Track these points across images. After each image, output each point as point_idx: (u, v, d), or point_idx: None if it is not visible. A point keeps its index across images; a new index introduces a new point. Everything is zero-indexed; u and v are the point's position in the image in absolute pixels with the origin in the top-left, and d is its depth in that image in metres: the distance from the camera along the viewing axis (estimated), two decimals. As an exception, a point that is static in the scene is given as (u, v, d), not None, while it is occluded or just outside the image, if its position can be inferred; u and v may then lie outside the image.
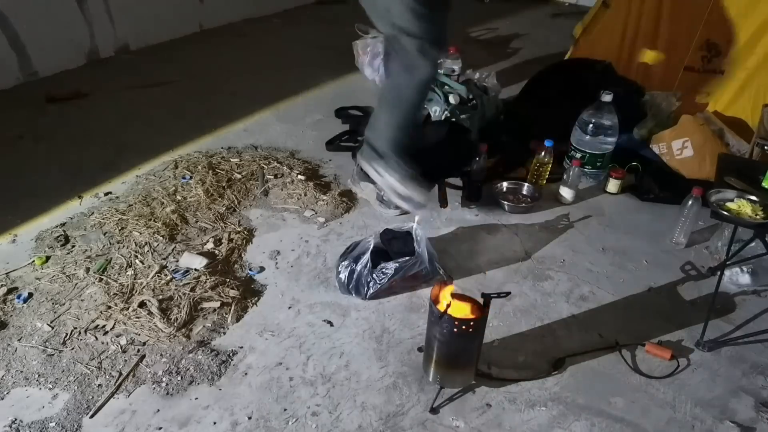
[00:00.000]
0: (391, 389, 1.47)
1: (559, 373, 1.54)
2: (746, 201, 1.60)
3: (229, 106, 3.10)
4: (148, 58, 3.78)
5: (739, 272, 1.91)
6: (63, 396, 1.40)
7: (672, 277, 1.93)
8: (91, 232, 1.98)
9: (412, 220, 1.79)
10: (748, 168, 1.88)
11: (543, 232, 2.12)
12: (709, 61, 2.57)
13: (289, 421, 1.37)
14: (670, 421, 1.43)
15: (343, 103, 3.11)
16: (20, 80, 3.21)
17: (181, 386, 1.44)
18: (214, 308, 1.68)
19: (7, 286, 1.73)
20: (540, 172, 2.35)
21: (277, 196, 2.27)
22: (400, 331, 1.65)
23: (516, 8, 5.07)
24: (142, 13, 3.85)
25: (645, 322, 1.73)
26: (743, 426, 1.42)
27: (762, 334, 1.68)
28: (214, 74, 3.58)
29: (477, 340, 1.38)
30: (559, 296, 1.81)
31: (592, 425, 1.40)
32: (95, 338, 1.56)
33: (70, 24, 3.41)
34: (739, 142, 2.30)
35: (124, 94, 3.20)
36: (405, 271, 1.73)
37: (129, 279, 1.76)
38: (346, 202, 2.24)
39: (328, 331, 1.65)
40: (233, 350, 1.56)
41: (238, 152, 2.59)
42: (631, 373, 1.55)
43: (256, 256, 1.94)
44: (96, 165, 2.45)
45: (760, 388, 1.53)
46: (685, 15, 2.61)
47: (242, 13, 4.72)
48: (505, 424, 1.39)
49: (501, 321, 1.71)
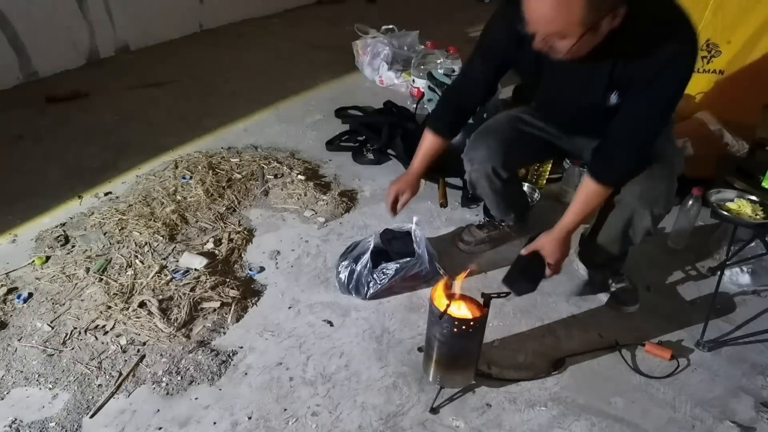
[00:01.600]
0: (391, 389, 1.47)
1: (559, 373, 1.54)
2: (746, 201, 1.60)
3: (229, 106, 3.11)
4: (148, 58, 3.79)
5: (739, 272, 1.91)
6: (63, 396, 1.40)
7: (672, 277, 1.93)
8: (91, 232, 1.98)
9: (410, 220, 1.79)
10: (748, 168, 1.88)
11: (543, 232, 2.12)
12: (709, 61, 2.57)
13: (289, 421, 1.37)
14: (670, 421, 1.43)
15: (343, 103, 3.11)
16: (20, 80, 3.22)
17: (181, 386, 1.44)
18: (214, 308, 1.67)
19: (7, 286, 1.73)
20: (540, 172, 2.35)
21: (277, 196, 2.27)
22: (400, 331, 1.65)
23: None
24: (142, 14, 3.85)
25: (645, 322, 1.73)
26: (743, 426, 1.42)
27: (762, 334, 1.68)
28: (214, 74, 3.59)
29: (477, 340, 1.38)
30: (559, 296, 1.81)
31: (592, 425, 1.40)
32: (95, 338, 1.56)
33: (70, 24, 3.41)
34: (739, 142, 2.29)
35: (124, 94, 3.20)
36: (405, 271, 1.73)
37: (129, 279, 1.76)
38: (346, 202, 2.24)
39: (328, 331, 1.65)
40: (233, 350, 1.56)
41: (238, 152, 2.59)
42: (631, 373, 1.56)
43: (256, 256, 1.94)
44: (96, 165, 2.45)
45: (760, 388, 1.53)
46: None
47: (242, 13, 4.72)
48: (505, 424, 1.39)
49: (501, 321, 1.71)
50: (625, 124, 1.39)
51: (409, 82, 3.34)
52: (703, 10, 2.53)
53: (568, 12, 1.12)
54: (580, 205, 1.50)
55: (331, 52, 4.01)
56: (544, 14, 1.14)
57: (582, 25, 1.14)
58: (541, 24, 1.17)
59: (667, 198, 1.50)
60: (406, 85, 3.37)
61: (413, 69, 3.26)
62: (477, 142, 1.72)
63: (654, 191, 1.48)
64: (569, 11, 1.12)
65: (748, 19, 2.44)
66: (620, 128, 1.40)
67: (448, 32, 4.24)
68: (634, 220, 1.55)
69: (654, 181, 1.48)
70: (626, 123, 1.39)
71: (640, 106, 1.35)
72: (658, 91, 1.31)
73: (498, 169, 1.70)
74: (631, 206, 1.51)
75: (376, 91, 3.43)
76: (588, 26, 1.14)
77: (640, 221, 1.54)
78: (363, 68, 3.64)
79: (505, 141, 1.68)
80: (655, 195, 1.49)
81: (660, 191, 1.49)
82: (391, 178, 1.79)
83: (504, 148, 1.68)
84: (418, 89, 3.18)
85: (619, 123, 1.40)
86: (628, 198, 1.51)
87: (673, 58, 1.26)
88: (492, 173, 1.71)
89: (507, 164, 1.70)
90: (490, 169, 1.70)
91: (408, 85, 3.35)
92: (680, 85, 1.33)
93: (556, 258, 1.51)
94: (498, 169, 1.70)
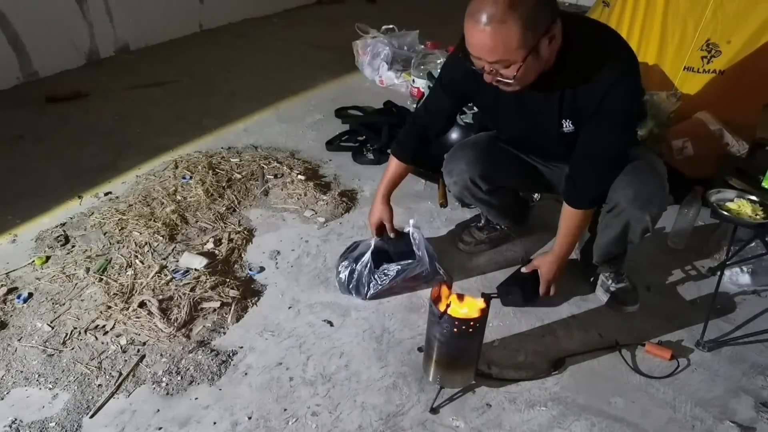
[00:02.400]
0: (391, 389, 1.47)
1: (559, 373, 1.54)
2: (746, 201, 1.60)
3: (229, 106, 3.11)
4: (148, 58, 3.79)
5: (739, 272, 1.91)
6: (63, 396, 1.40)
7: (672, 277, 1.93)
8: (91, 232, 1.98)
9: (410, 221, 1.79)
10: (748, 168, 1.88)
11: (543, 232, 2.12)
12: (709, 61, 2.57)
13: (289, 421, 1.37)
14: (670, 421, 1.43)
15: (343, 103, 3.11)
16: (20, 80, 3.22)
17: (181, 386, 1.44)
18: (214, 308, 1.68)
19: (7, 286, 1.73)
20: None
21: (277, 196, 2.27)
22: (400, 331, 1.65)
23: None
24: (142, 13, 3.85)
25: (645, 322, 1.73)
26: (743, 426, 1.42)
27: (762, 334, 1.68)
28: (214, 74, 3.59)
29: (477, 340, 1.38)
30: (559, 296, 1.81)
31: (592, 425, 1.40)
32: (95, 338, 1.56)
33: (70, 24, 3.42)
34: (739, 142, 2.29)
35: (124, 94, 3.20)
36: (406, 273, 1.73)
37: (129, 279, 1.76)
38: (346, 202, 2.24)
39: (328, 331, 1.65)
40: (233, 350, 1.56)
41: (238, 152, 2.59)
42: (631, 373, 1.56)
43: (256, 256, 1.94)
44: (96, 165, 2.45)
45: (760, 388, 1.53)
46: (685, 15, 2.61)
47: (242, 13, 4.73)
48: (505, 424, 1.39)
49: (501, 321, 1.71)
50: (584, 151, 1.46)
51: (409, 82, 3.34)
52: (703, 10, 2.53)
53: (506, 38, 1.18)
54: (565, 230, 1.58)
55: (331, 52, 4.01)
56: (484, 44, 1.21)
57: (522, 48, 1.20)
58: (484, 54, 1.23)
59: (661, 197, 1.52)
60: (406, 85, 3.38)
61: (413, 69, 3.26)
62: (455, 155, 1.76)
63: (647, 192, 1.50)
64: (507, 37, 1.18)
65: (748, 19, 2.44)
66: (580, 155, 1.47)
67: (448, 32, 4.23)
68: (631, 223, 1.56)
69: (646, 182, 1.50)
70: (585, 150, 1.45)
71: (595, 132, 1.42)
72: (608, 116, 1.37)
73: (476, 179, 1.72)
74: (627, 210, 1.53)
75: (376, 91, 3.43)
76: (528, 49, 1.21)
77: (638, 223, 1.55)
78: (363, 68, 3.64)
79: (483, 152, 1.72)
80: (648, 196, 1.50)
81: (653, 191, 1.50)
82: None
83: (482, 160, 1.71)
84: (418, 89, 3.18)
85: (579, 150, 1.47)
86: (622, 202, 1.52)
87: (615, 83, 1.31)
88: (471, 184, 1.73)
89: (486, 176, 1.72)
90: (468, 180, 1.72)
91: (408, 85, 3.35)
92: (628, 105, 1.37)
93: (549, 278, 1.63)
94: (476, 179, 1.72)
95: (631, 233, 1.59)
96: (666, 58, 2.71)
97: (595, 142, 1.43)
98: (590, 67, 1.32)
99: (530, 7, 1.16)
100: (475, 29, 1.20)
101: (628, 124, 1.44)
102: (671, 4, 2.65)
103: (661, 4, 2.67)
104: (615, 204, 1.54)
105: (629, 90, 1.34)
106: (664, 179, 1.54)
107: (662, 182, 1.53)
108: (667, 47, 2.70)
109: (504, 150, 1.75)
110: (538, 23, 1.19)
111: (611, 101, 1.33)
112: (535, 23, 1.19)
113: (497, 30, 1.17)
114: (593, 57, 1.32)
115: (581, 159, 1.48)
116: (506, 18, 1.15)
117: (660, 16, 2.69)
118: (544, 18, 1.20)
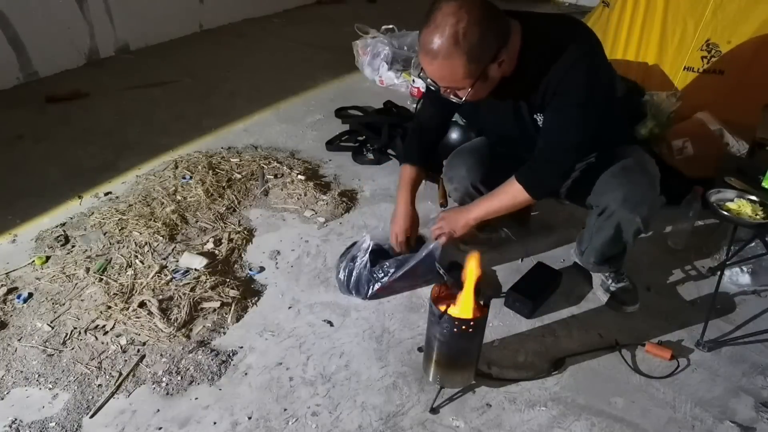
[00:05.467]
0: (391, 389, 1.47)
1: (559, 373, 1.54)
2: (746, 201, 1.60)
3: (229, 106, 3.11)
4: (148, 58, 3.79)
5: (739, 272, 1.91)
6: (63, 396, 1.40)
7: (672, 277, 1.93)
8: (91, 232, 1.98)
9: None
10: (748, 168, 1.88)
11: (543, 232, 2.12)
12: (709, 61, 2.57)
13: (289, 421, 1.37)
14: (670, 421, 1.43)
15: (343, 103, 3.11)
16: (20, 80, 3.22)
17: (181, 386, 1.44)
18: (214, 308, 1.68)
19: (7, 286, 1.73)
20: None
21: (277, 196, 2.27)
22: (400, 331, 1.65)
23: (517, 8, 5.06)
24: (142, 13, 3.85)
25: (645, 322, 1.73)
26: (743, 426, 1.42)
27: (762, 334, 1.68)
28: (214, 74, 3.59)
29: (477, 340, 1.38)
30: (559, 296, 1.81)
31: (592, 425, 1.40)
32: (95, 338, 1.56)
33: (70, 24, 3.41)
34: (739, 142, 2.29)
35: (124, 94, 3.20)
36: (405, 271, 1.72)
37: (129, 279, 1.76)
38: (346, 202, 2.24)
39: (328, 331, 1.65)
40: (233, 350, 1.56)
41: (238, 152, 2.59)
42: (631, 373, 1.56)
43: (256, 256, 1.94)
44: (96, 165, 2.45)
45: (760, 388, 1.53)
46: (685, 15, 2.61)
47: (242, 13, 4.72)
48: (505, 424, 1.39)
49: (501, 321, 1.71)
50: (546, 136, 1.47)
51: (409, 82, 3.34)
52: (703, 10, 2.53)
53: (452, 71, 1.26)
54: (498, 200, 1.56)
55: (331, 52, 4.01)
56: (434, 75, 1.31)
57: (468, 78, 1.28)
58: (437, 80, 1.32)
59: (651, 198, 1.52)
60: (406, 85, 3.37)
61: (413, 69, 3.26)
62: (455, 161, 1.78)
63: (637, 194, 1.50)
64: (453, 71, 1.26)
65: (748, 19, 2.44)
66: (543, 140, 1.48)
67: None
68: (623, 225, 1.56)
69: (635, 184, 1.51)
70: (547, 135, 1.46)
71: (551, 120, 1.44)
72: (562, 102, 1.38)
73: (477, 185, 1.73)
74: (617, 212, 1.53)
75: (376, 91, 3.43)
76: (475, 77, 1.29)
77: (629, 225, 1.55)
78: (363, 68, 3.63)
79: (483, 158, 1.74)
80: (638, 198, 1.50)
81: (643, 193, 1.51)
82: (391, 178, 1.79)
83: (482, 166, 1.72)
84: (418, 89, 3.18)
85: (542, 135, 1.48)
86: (612, 204, 1.53)
87: (568, 69, 1.33)
88: (472, 189, 1.74)
89: (486, 181, 1.72)
90: (469, 186, 1.74)
91: (408, 85, 3.35)
92: (582, 90, 1.36)
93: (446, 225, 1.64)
94: (477, 185, 1.73)
95: (624, 235, 1.59)
96: (666, 58, 2.71)
97: (551, 130, 1.45)
98: (547, 61, 1.35)
99: (474, 40, 1.22)
100: (424, 60, 1.28)
101: (585, 109, 1.39)
102: (671, 4, 2.65)
103: (661, 4, 2.67)
104: (605, 207, 1.55)
105: (581, 74, 1.34)
106: (655, 179, 1.54)
107: (652, 182, 1.53)
108: (667, 47, 2.70)
109: (502, 154, 1.75)
110: (484, 53, 1.26)
111: (566, 87, 1.35)
112: (480, 54, 1.25)
113: (443, 64, 1.25)
114: (549, 51, 1.34)
115: (543, 144, 1.48)
116: (450, 54, 1.22)
117: (660, 16, 2.69)
118: (489, 47, 1.26)
